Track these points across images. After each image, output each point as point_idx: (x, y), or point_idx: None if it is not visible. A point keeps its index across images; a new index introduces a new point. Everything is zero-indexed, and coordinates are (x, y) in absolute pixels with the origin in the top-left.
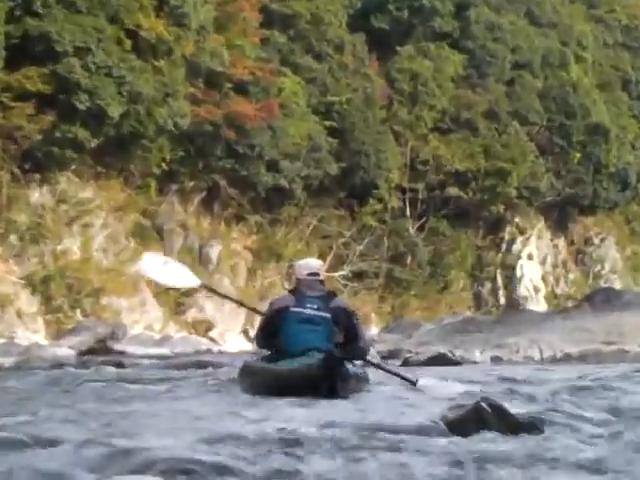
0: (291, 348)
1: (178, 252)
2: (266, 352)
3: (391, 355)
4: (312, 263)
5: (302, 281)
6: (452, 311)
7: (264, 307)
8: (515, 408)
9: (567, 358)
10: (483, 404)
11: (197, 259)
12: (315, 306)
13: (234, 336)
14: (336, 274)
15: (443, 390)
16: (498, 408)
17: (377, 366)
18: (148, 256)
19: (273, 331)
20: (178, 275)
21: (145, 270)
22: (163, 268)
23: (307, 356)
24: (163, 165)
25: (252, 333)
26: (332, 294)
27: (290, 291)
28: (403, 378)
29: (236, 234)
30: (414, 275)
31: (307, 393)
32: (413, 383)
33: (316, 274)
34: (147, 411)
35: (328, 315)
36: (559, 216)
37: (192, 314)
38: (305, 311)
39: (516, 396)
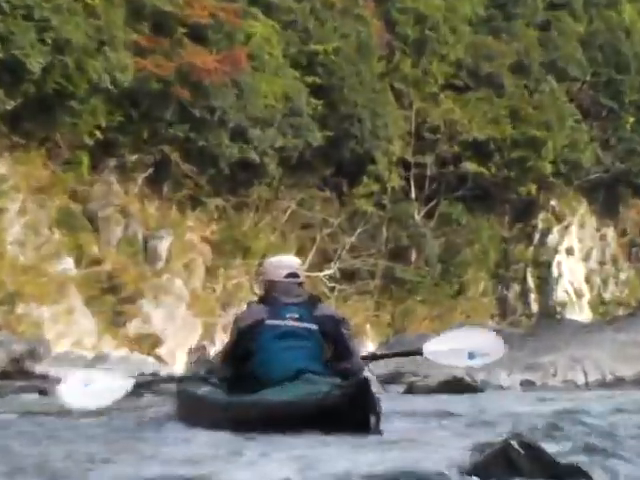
0: (271, 373)
1: (117, 245)
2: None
3: (392, 379)
4: (289, 261)
5: (277, 284)
6: (470, 321)
7: (226, 319)
8: (554, 448)
9: (619, 382)
10: (513, 442)
11: (141, 254)
12: (296, 315)
13: (187, 353)
14: (320, 274)
15: (452, 358)
16: (532, 448)
17: (381, 356)
18: (65, 385)
19: (243, 354)
20: (110, 389)
21: (66, 401)
22: (86, 390)
23: (302, 382)
24: (97, 134)
25: (213, 349)
26: (316, 299)
27: (260, 298)
28: (408, 354)
29: (192, 222)
30: (420, 275)
31: (323, 427)
32: (420, 353)
33: (295, 275)
34: (75, 452)
35: (314, 326)
36: (607, 198)
37: (135, 326)
38: (284, 323)
39: (556, 433)
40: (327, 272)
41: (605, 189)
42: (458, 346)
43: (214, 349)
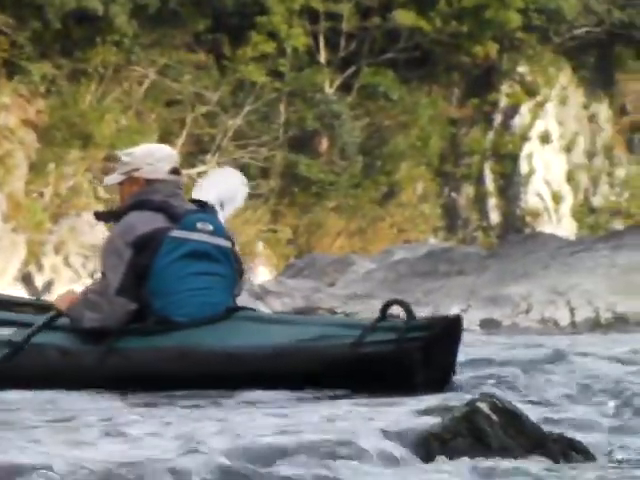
0: (182, 310)
1: None
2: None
3: None
4: (170, 152)
5: (159, 184)
6: (404, 238)
7: (58, 235)
8: (538, 413)
9: (619, 322)
10: (481, 405)
11: None
12: (210, 227)
13: (5, 284)
14: (192, 171)
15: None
16: (509, 412)
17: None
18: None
19: (134, 283)
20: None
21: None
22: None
23: (244, 321)
24: None
25: (39, 278)
26: (208, 205)
27: (135, 204)
28: None
29: (8, 98)
30: (334, 173)
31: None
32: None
33: (178, 171)
34: None
35: (228, 243)
36: (600, 63)
37: None
38: (196, 237)
39: (533, 392)
40: (201, 168)
41: (597, 49)
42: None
43: (42, 279)
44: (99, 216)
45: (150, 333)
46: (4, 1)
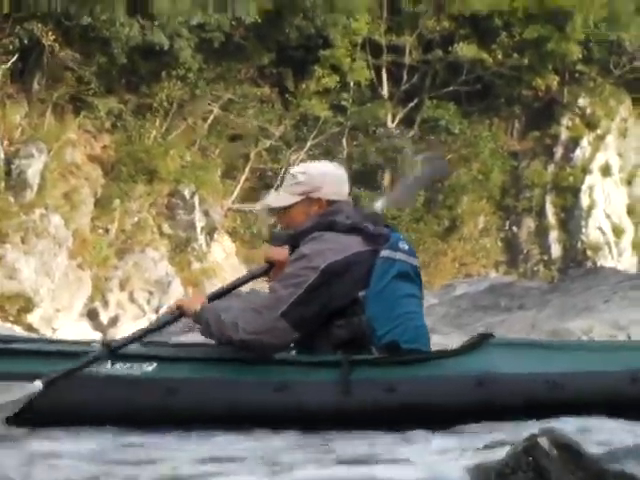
0: (405, 336)
1: None
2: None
3: None
4: (344, 170)
5: (343, 207)
6: (466, 272)
7: (124, 270)
8: (595, 449)
9: None
10: (542, 440)
11: (2, 180)
12: (407, 247)
13: (71, 320)
14: (256, 206)
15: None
16: (567, 447)
17: None
18: None
19: (335, 306)
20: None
21: None
22: None
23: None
24: None
25: (104, 314)
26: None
27: (322, 225)
28: None
29: (75, 134)
30: (397, 207)
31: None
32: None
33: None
34: None
35: (418, 264)
36: None
37: None
38: (401, 257)
39: (601, 429)
40: (268, 204)
41: None
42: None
43: (108, 315)
44: (277, 238)
45: (395, 363)
46: (71, 37)
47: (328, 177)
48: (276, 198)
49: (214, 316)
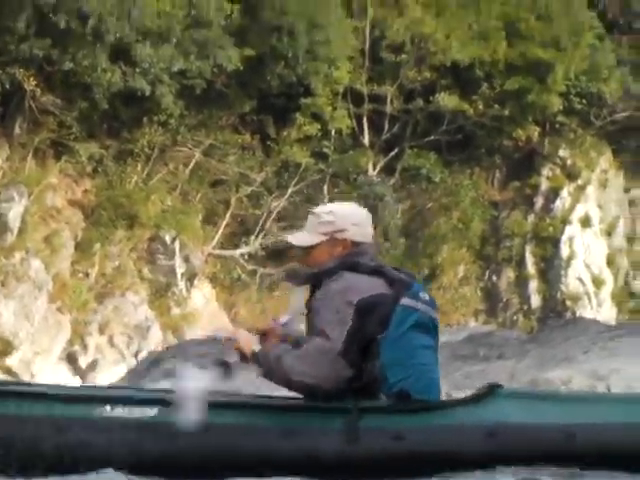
0: (417, 386)
1: None
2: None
3: None
4: (367, 212)
5: (366, 249)
6: (445, 321)
7: (103, 315)
8: None
9: None
10: None
11: None
12: (427, 298)
13: (50, 364)
14: (236, 252)
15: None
16: None
17: None
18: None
19: (355, 348)
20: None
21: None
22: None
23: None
24: None
25: (83, 358)
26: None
27: (343, 266)
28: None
29: (56, 178)
30: (377, 254)
31: None
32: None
33: None
34: None
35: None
36: None
37: None
38: (420, 307)
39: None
40: (245, 249)
41: (638, 133)
42: None
43: (87, 359)
44: (293, 276)
45: (405, 411)
46: (53, 82)
47: (354, 218)
48: (301, 237)
49: (275, 360)
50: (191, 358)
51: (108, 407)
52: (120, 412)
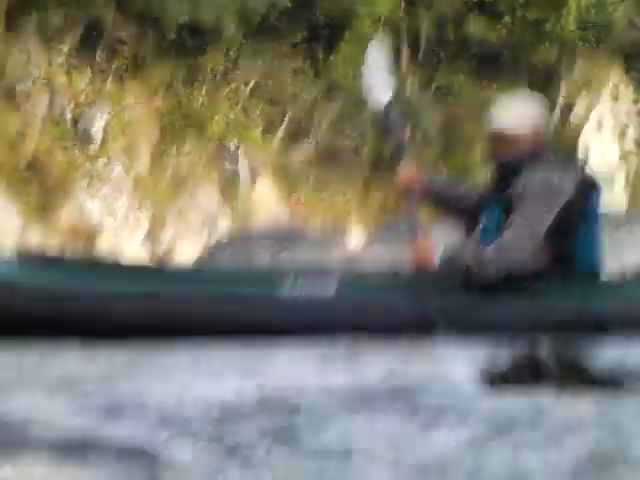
0: (599, 266)
1: (41, 125)
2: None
3: None
4: None
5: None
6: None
7: (181, 207)
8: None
9: None
10: (544, 346)
11: (70, 134)
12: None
13: (132, 247)
14: (293, 155)
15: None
16: (564, 356)
17: None
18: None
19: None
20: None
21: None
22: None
23: None
24: None
25: (163, 240)
26: None
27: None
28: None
29: (132, 96)
30: (417, 153)
31: None
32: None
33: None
34: None
35: None
36: None
37: (67, 221)
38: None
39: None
40: (301, 152)
41: None
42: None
43: (165, 245)
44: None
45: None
46: (128, 16)
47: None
48: (512, 122)
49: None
50: None
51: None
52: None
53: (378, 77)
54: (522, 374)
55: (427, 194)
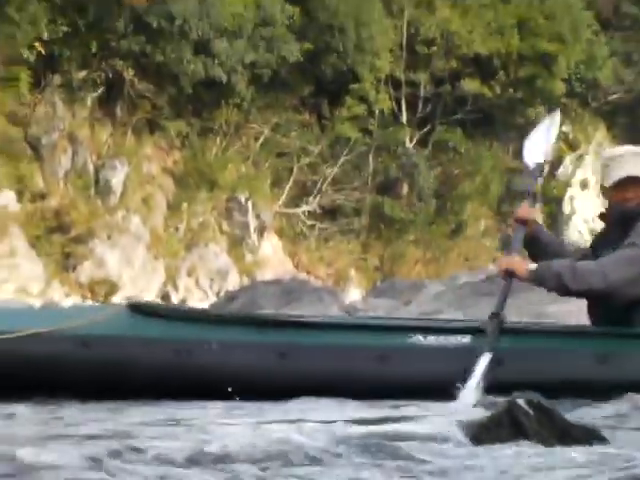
0: None
1: (64, 177)
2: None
3: None
4: None
5: None
6: (469, 265)
7: (190, 261)
8: (570, 411)
9: None
10: (520, 402)
11: (92, 187)
12: None
13: (149, 296)
14: (298, 210)
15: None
16: (542, 408)
17: None
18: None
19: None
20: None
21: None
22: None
23: None
24: (38, 46)
25: (175, 296)
26: None
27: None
28: None
29: (150, 150)
30: (413, 212)
31: None
32: None
33: None
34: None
35: None
36: (629, 123)
37: (87, 271)
38: None
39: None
40: (305, 208)
41: (628, 112)
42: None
43: (178, 297)
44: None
45: None
46: (147, 72)
47: None
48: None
49: (558, 270)
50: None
51: (421, 336)
52: (432, 340)
53: (540, 142)
54: (502, 429)
55: (534, 235)
